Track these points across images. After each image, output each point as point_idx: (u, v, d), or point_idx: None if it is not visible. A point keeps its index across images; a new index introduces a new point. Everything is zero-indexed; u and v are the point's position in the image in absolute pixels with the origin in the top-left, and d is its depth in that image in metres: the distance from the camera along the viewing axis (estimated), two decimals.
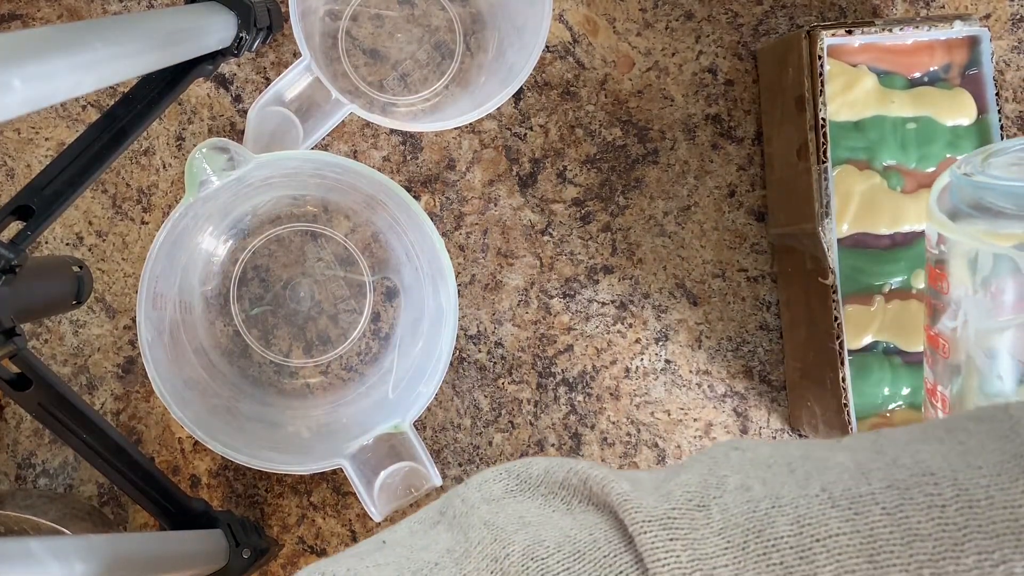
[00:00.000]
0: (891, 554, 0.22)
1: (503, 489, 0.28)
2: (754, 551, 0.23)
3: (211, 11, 0.44)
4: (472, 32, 0.54)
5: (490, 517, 0.27)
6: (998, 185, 0.36)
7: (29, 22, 0.54)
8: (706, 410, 0.54)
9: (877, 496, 0.23)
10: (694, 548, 0.24)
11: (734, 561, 0.23)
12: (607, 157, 0.54)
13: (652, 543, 0.24)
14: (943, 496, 0.23)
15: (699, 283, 0.54)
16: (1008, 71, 0.55)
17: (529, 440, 0.54)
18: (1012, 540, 0.22)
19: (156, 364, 0.44)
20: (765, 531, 0.24)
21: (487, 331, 0.54)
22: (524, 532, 0.26)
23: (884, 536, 0.23)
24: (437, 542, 0.27)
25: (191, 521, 0.47)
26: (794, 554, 0.23)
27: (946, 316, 0.39)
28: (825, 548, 0.23)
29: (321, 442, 0.49)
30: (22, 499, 0.48)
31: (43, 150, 0.54)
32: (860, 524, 0.23)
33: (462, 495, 0.29)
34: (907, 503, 0.23)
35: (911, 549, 0.22)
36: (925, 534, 0.22)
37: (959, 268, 0.38)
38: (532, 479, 0.28)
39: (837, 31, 0.47)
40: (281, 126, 0.48)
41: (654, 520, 0.24)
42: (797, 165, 0.48)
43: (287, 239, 0.53)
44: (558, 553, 0.25)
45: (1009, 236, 0.35)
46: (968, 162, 0.39)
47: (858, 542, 0.23)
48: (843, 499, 0.24)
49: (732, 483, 0.25)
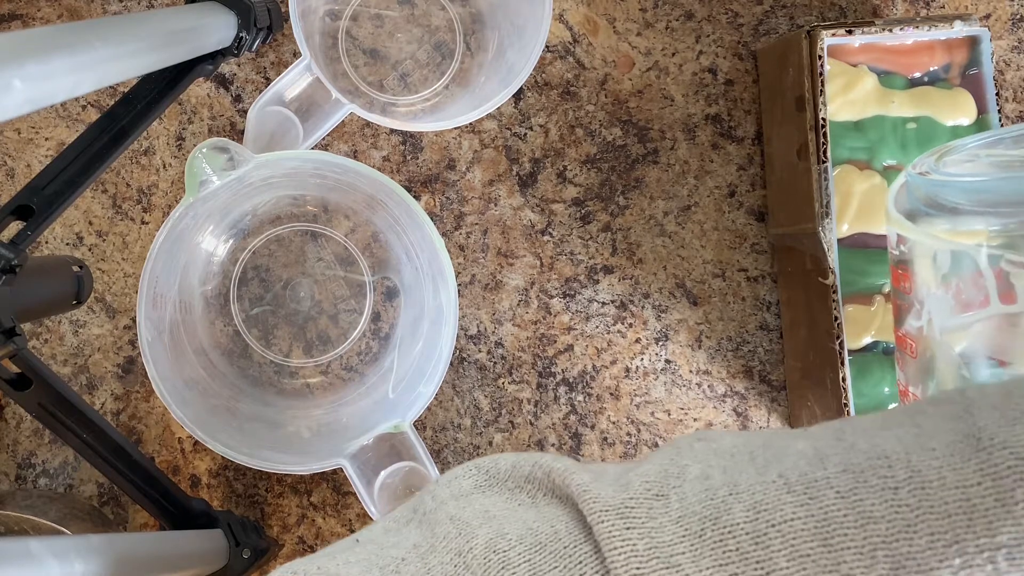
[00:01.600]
0: (845, 537, 0.23)
1: (472, 485, 0.28)
2: (711, 538, 0.23)
3: (211, 11, 0.44)
4: (472, 32, 0.54)
5: (456, 512, 0.27)
6: (952, 182, 0.36)
7: (29, 22, 0.54)
8: (706, 410, 0.54)
9: (832, 480, 0.24)
10: (651, 536, 0.24)
11: (691, 548, 0.23)
12: (607, 157, 0.54)
13: (609, 532, 0.24)
14: (896, 478, 0.23)
15: (699, 283, 0.54)
16: (1008, 71, 0.55)
17: (529, 440, 0.54)
18: (964, 519, 0.22)
19: (156, 364, 0.44)
20: (722, 518, 0.24)
21: (487, 331, 0.54)
22: (488, 526, 0.26)
23: (838, 519, 0.23)
24: (407, 538, 0.27)
25: (191, 521, 0.47)
26: (750, 540, 0.23)
27: (911, 316, 0.39)
28: (780, 533, 0.23)
29: (321, 442, 0.49)
30: (22, 499, 0.48)
31: (43, 150, 0.54)
32: (815, 508, 0.23)
33: (432, 492, 0.29)
34: (861, 486, 0.23)
35: (865, 531, 0.23)
36: (878, 516, 0.23)
37: (920, 268, 0.38)
38: (500, 474, 0.29)
39: (837, 31, 0.47)
40: (281, 126, 0.48)
41: (611, 510, 0.25)
42: (797, 165, 0.48)
43: (287, 239, 0.53)
44: (519, 545, 0.25)
45: (972, 233, 0.35)
46: (924, 162, 0.39)
47: (812, 526, 0.23)
48: (799, 484, 0.24)
49: (693, 472, 0.26)
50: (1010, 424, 0.23)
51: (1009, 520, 0.22)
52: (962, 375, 0.37)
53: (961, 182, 0.36)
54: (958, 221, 0.35)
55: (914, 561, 0.22)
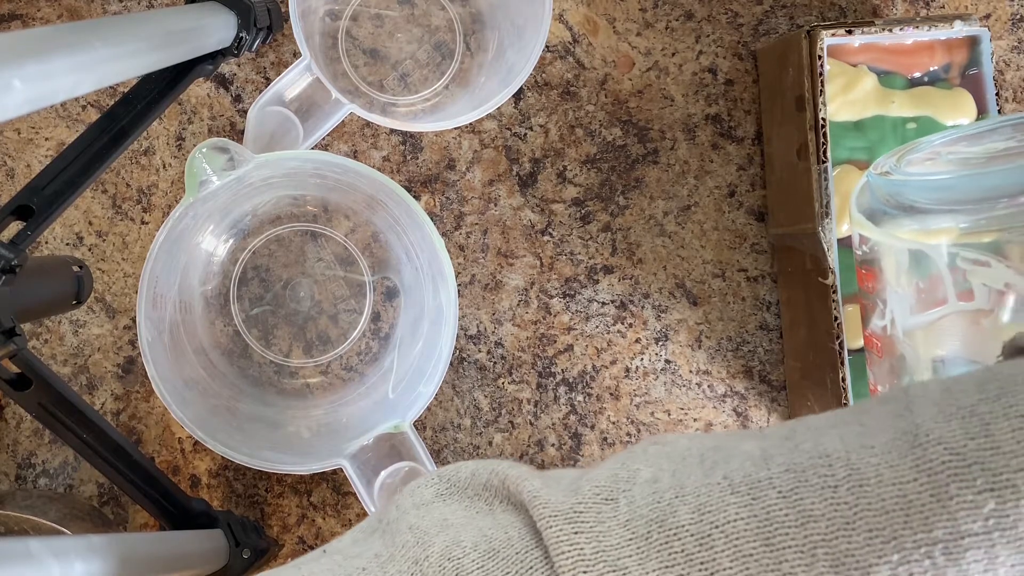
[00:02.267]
0: (786, 536, 0.23)
1: (433, 493, 0.29)
2: (657, 540, 0.24)
3: (211, 11, 0.44)
4: (472, 32, 0.54)
5: (416, 521, 0.27)
6: (911, 181, 0.36)
7: (29, 22, 0.54)
8: (706, 410, 0.54)
9: (775, 480, 0.24)
10: (598, 540, 0.24)
11: (638, 551, 0.24)
12: (607, 157, 0.54)
13: (557, 537, 0.24)
14: (835, 477, 0.23)
15: (699, 283, 0.54)
16: (1008, 71, 0.55)
17: (529, 440, 0.54)
18: (901, 516, 0.22)
19: (156, 364, 0.44)
20: (667, 520, 0.24)
21: (487, 331, 0.54)
22: (445, 534, 0.26)
23: (780, 519, 0.23)
24: (370, 548, 0.28)
25: (191, 521, 0.47)
26: (694, 541, 0.23)
27: (875, 316, 0.39)
28: (724, 534, 0.23)
29: (321, 442, 0.49)
30: (22, 499, 0.48)
31: (43, 150, 0.54)
32: (757, 508, 0.24)
33: (397, 502, 0.29)
34: (802, 486, 0.24)
35: (805, 530, 0.23)
36: (818, 515, 0.23)
37: (882, 267, 0.38)
38: (460, 482, 0.29)
39: (837, 31, 0.47)
40: (281, 126, 0.48)
41: (559, 515, 0.25)
42: (797, 165, 0.48)
43: (287, 239, 0.53)
44: (474, 552, 0.25)
45: (942, 231, 0.35)
46: (885, 162, 0.39)
47: (755, 526, 0.23)
48: (742, 485, 0.24)
49: (643, 476, 0.26)
50: (946, 420, 0.23)
51: (944, 515, 0.22)
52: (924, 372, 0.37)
53: (920, 181, 0.36)
54: (927, 220, 0.35)
55: (853, 558, 0.22)
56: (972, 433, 0.23)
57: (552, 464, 0.54)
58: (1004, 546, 0.21)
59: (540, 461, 0.54)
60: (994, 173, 0.34)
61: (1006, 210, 0.33)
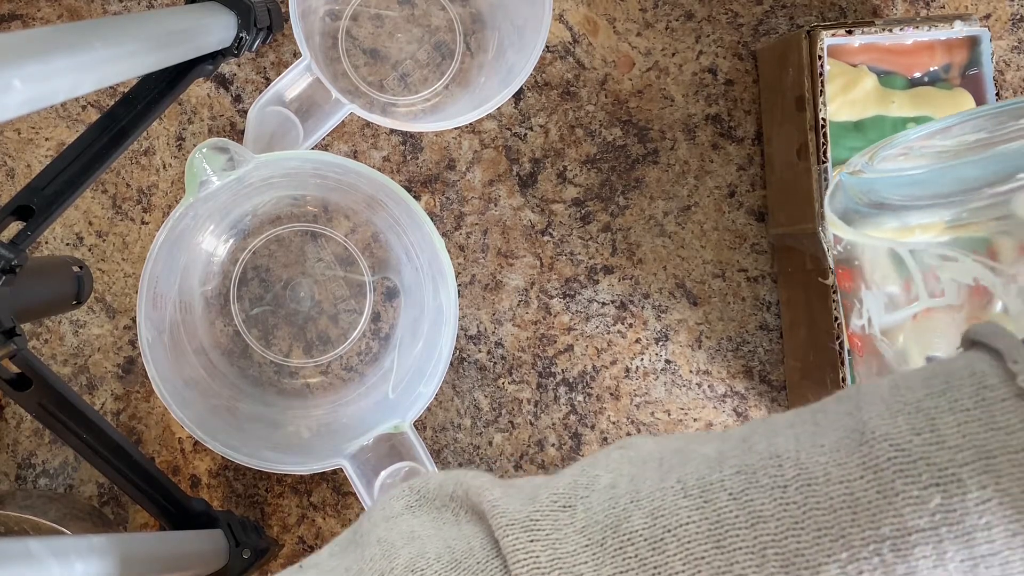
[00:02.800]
0: (736, 537, 0.23)
1: (403, 506, 0.29)
2: (611, 546, 0.24)
3: (211, 11, 0.44)
4: (472, 32, 0.54)
5: (384, 534, 0.27)
6: (883, 178, 0.36)
7: (29, 22, 0.54)
8: (706, 410, 0.54)
9: (726, 482, 0.24)
10: (554, 548, 0.24)
11: (593, 557, 0.24)
12: (607, 157, 0.54)
13: (513, 545, 0.25)
14: (785, 477, 0.23)
15: (699, 283, 0.54)
16: (1008, 71, 0.55)
17: (529, 440, 0.54)
18: (848, 514, 0.22)
19: (156, 364, 0.44)
20: (622, 526, 0.24)
21: (487, 331, 0.54)
22: (410, 546, 0.26)
23: (730, 520, 0.23)
24: (343, 562, 0.28)
25: (191, 521, 0.47)
26: (647, 546, 0.24)
27: (854, 315, 0.39)
28: (676, 537, 0.23)
29: (321, 442, 0.49)
30: (22, 499, 0.48)
31: (43, 150, 0.54)
32: (708, 511, 0.24)
33: (369, 514, 0.30)
34: (752, 487, 0.24)
35: (755, 531, 0.23)
36: (768, 515, 0.23)
37: (856, 266, 0.38)
38: (429, 493, 0.29)
39: (837, 31, 0.47)
40: (281, 126, 0.48)
41: (516, 523, 0.25)
42: (797, 165, 0.48)
43: (287, 239, 0.53)
44: (437, 563, 0.25)
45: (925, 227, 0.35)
46: (857, 161, 0.39)
47: (706, 529, 0.23)
48: (695, 488, 0.24)
49: (603, 482, 0.26)
50: (892, 416, 0.23)
51: (891, 512, 0.22)
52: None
53: (892, 177, 0.36)
54: (908, 216, 0.35)
55: (802, 558, 0.22)
56: (917, 428, 0.23)
57: (552, 464, 0.54)
58: (952, 541, 0.21)
59: (540, 461, 0.54)
60: (965, 164, 0.34)
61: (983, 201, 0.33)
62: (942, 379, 0.23)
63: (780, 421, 0.26)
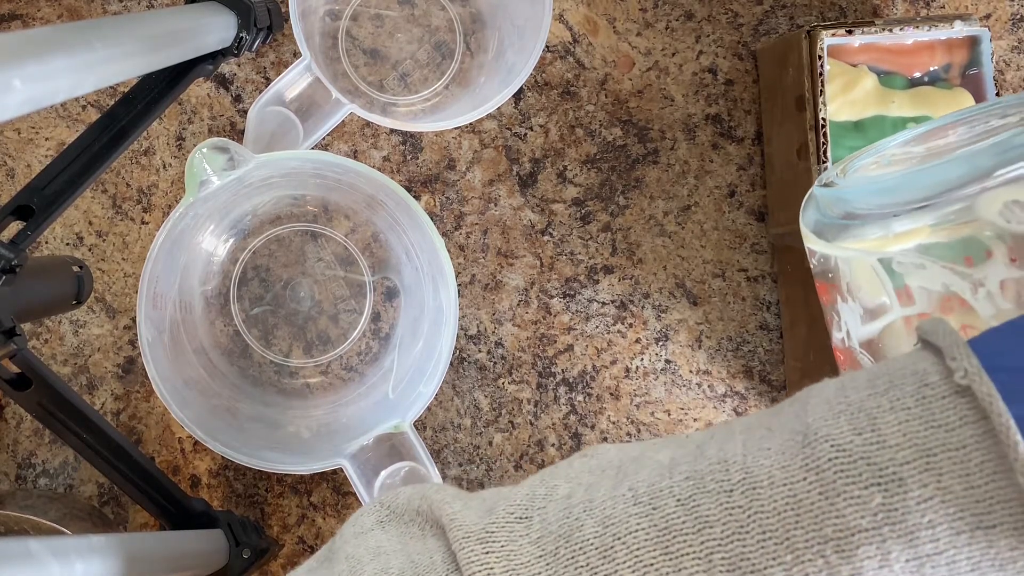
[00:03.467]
0: (684, 543, 0.23)
1: (374, 521, 0.29)
2: (564, 556, 0.24)
3: (211, 11, 0.44)
4: (472, 32, 0.54)
5: (352, 550, 0.28)
6: (853, 187, 0.36)
7: (29, 22, 0.54)
8: (706, 410, 0.54)
9: (674, 489, 0.24)
10: (508, 559, 0.24)
11: (547, 568, 0.24)
12: (607, 157, 0.54)
13: (468, 558, 0.25)
14: (731, 481, 0.23)
15: (699, 283, 0.54)
16: (1008, 71, 0.55)
17: (529, 440, 0.54)
18: (792, 516, 0.22)
19: (156, 364, 0.44)
20: (574, 535, 0.24)
21: (487, 331, 0.54)
22: (376, 562, 0.27)
23: (677, 526, 0.23)
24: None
25: (191, 521, 0.47)
26: (598, 555, 0.24)
27: (834, 328, 0.39)
28: (625, 545, 0.23)
29: (321, 442, 0.49)
30: (22, 499, 0.48)
31: (43, 150, 0.54)
32: (656, 518, 0.24)
33: (343, 530, 0.30)
34: (699, 492, 0.24)
35: (701, 536, 0.23)
36: (714, 520, 0.23)
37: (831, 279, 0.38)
38: (398, 508, 0.29)
39: (837, 31, 0.47)
40: (281, 126, 0.48)
41: (472, 536, 0.25)
42: (797, 165, 0.48)
43: (287, 239, 0.53)
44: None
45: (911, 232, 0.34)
46: (829, 174, 0.39)
47: (655, 535, 0.23)
48: (645, 495, 0.24)
49: (560, 492, 0.26)
50: (835, 417, 0.23)
51: (833, 513, 0.22)
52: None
53: (862, 187, 0.36)
54: (891, 225, 0.35)
55: (748, 561, 0.22)
56: (859, 428, 0.23)
57: (552, 464, 0.54)
58: (895, 540, 0.21)
59: (540, 461, 0.54)
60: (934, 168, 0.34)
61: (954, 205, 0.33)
62: (886, 378, 0.23)
63: (737, 425, 0.26)
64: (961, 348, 0.22)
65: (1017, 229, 0.32)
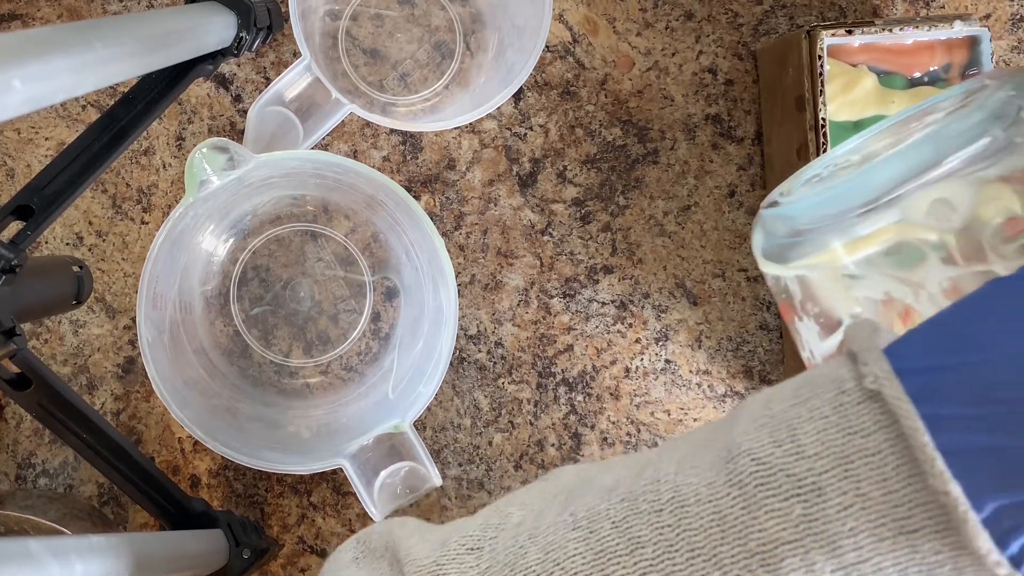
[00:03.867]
0: (618, 565, 0.23)
1: (350, 558, 0.30)
2: None
3: (211, 11, 0.44)
4: (472, 32, 0.54)
5: None
6: (796, 203, 0.36)
7: (29, 22, 0.54)
8: (706, 410, 0.54)
9: (610, 511, 0.24)
10: None
11: None
12: (607, 157, 0.54)
13: None
14: (661, 500, 0.24)
15: (699, 283, 0.54)
16: None
17: (529, 440, 0.54)
18: (717, 532, 0.22)
19: (156, 364, 0.44)
20: (518, 563, 0.24)
21: (487, 331, 0.54)
22: None
23: (612, 549, 0.23)
24: None
25: (191, 521, 0.47)
26: None
27: (799, 346, 0.39)
28: (563, 570, 0.24)
29: (321, 442, 0.49)
30: (22, 499, 0.48)
31: (43, 150, 0.54)
32: (593, 541, 0.24)
33: (324, 566, 0.30)
34: (632, 514, 0.24)
35: (634, 557, 0.23)
36: (646, 540, 0.23)
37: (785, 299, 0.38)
38: (371, 544, 0.30)
39: (837, 31, 0.47)
40: (281, 126, 0.48)
41: (423, 569, 0.26)
42: (797, 165, 0.48)
43: (287, 239, 0.53)
44: None
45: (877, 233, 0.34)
46: (774, 194, 0.38)
47: (591, 559, 0.24)
48: (584, 519, 0.25)
49: (513, 520, 0.26)
50: (757, 430, 0.23)
51: (755, 526, 0.22)
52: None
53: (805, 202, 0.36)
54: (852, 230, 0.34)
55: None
56: (779, 440, 0.22)
57: (552, 464, 0.54)
58: (818, 550, 0.21)
59: (540, 461, 0.54)
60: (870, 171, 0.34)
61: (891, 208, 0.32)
62: (808, 388, 0.23)
63: (681, 441, 0.26)
64: (873, 352, 0.22)
65: (945, 227, 0.32)
